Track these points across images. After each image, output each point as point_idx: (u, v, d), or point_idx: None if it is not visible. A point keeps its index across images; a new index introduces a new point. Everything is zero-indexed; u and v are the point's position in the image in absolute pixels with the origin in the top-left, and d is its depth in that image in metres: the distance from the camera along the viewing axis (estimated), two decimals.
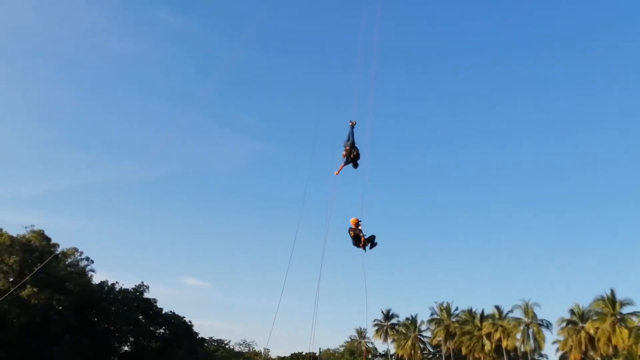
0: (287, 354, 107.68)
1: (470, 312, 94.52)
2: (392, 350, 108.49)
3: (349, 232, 18.66)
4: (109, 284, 63.32)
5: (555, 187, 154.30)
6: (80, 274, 58.24)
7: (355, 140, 18.16)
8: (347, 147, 17.93)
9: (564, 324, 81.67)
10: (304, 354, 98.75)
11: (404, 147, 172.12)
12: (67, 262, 57.51)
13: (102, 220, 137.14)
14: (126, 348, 66.15)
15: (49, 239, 58.00)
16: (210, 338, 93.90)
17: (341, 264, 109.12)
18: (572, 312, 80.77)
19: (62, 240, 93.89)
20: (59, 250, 59.07)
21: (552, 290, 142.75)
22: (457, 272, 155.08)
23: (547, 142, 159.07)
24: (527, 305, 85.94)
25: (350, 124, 18.50)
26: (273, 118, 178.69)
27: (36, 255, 55.76)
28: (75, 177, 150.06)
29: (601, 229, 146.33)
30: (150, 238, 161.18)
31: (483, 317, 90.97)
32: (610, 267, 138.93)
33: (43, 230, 57.78)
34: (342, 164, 18.27)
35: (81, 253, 60.17)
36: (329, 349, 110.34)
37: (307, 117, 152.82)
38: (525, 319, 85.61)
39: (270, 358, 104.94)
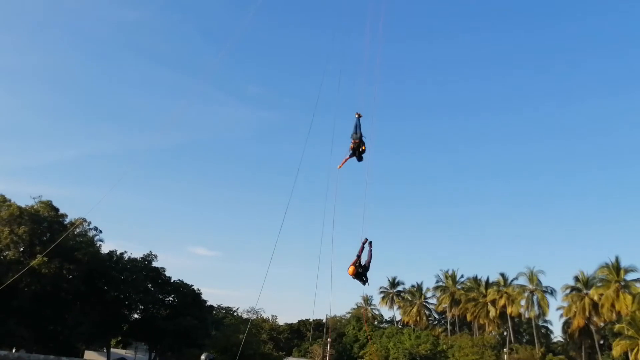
0: (295, 321, 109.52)
1: (475, 280, 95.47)
2: (398, 317, 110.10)
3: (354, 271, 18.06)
4: (118, 253, 64.27)
5: (559, 150, 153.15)
6: (89, 244, 58.98)
7: (363, 134, 17.78)
8: (356, 140, 17.56)
9: (568, 291, 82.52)
10: (310, 320, 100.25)
11: (409, 111, 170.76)
12: (75, 232, 58.20)
13: (109, 189, 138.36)
14: (136, 316, 67.41)
15: (57, 209, 58.71)
16: (219, 306, 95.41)
17: (349, 231, 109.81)
18: (576, 279, 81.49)
19: (71, 211, 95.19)
20: (67, 220, 59.86)
21: (557, 258, 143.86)
22: (462, 240, 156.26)
23: (553, 105, 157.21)
24: (531, 272, 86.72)
25: (357, 116, 18.14)
26: (279, 86, 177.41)
27: (45, 225, 56.53)
28: (83, 147, 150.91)
29: (606, 196, 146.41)
30: (159, 208, 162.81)
31: (488, 285, 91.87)
32: (615, 234, 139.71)
33: (51, 201, 58.50)
34: (347, 156, 17.96)
35: (89, 223, 60.88)
36: (335, 316, 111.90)
37: (313, 83, 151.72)
38: (530, 286, 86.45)
39: (277, 324, 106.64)
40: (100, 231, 62.03)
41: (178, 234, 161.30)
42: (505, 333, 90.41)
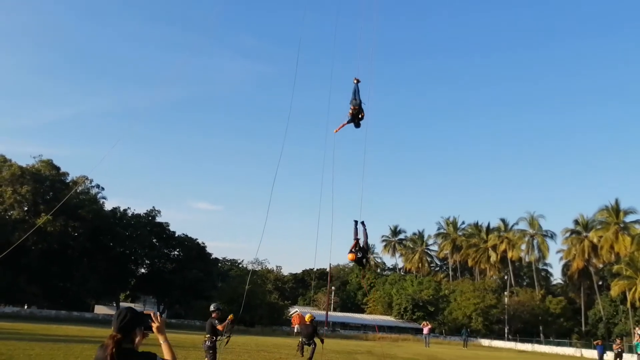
0: (299, 271, 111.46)
1: (476, 226, 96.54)
2: (400, 265, 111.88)
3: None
4: (121, 209, 64.90)
5: (561, 88, 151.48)
6: (92, 201, 59.53)
7: (362, 100, 17.53)
8: (355, 107, 17.30)
9: (568, 234, 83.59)
10: (314, 270, 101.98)
11: (409, 50, 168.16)
12: (78, 190, 58.66)
13: (109, 147, 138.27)
14: (143, 270, 68.63)
15: (58, 168, 59.06)
16: (224, 258, 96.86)
17: (350, 179, 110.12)
18: (576, 222, 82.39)
19: (72, 169, 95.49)
20: (69, 179, 60.26)
21: (558, 202, 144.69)
22: (463, 187, 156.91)
23: (556, 43, 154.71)
24: (532, 217, 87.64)
25: (355, 81, 17.88)
26: (277, 35, 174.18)
27: (47, 184, 56.94)
28: (81, 105, 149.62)
29: (606, 137, 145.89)
30: (159, 164, 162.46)
31: (489, 230, 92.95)
32: (615, 177, 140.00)
33: (52, 160, 58.80)
34: (345, 122, 17.71)
35: (91, 181, 61.30)
36: (339, 265, 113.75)
37: (311, 29, 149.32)
38: (530, 231, 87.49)
39: (282, 275, 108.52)
40: (103, 188, 62.60)
41: (180, 189, 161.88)
42: (506, 277, 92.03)
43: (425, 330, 48.96)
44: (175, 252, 69.09)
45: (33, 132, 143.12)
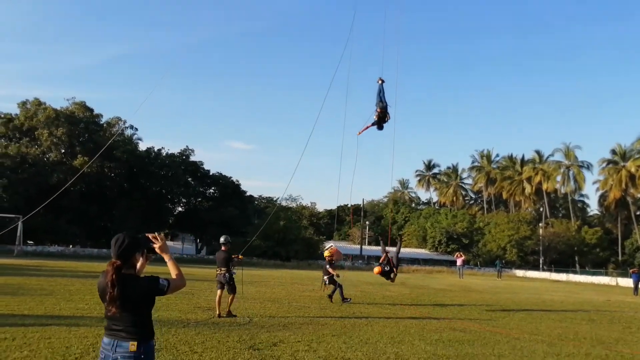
0: (334, 207, 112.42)
1: (510, 158, 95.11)
2: (435, 199, 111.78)
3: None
4: (155, 150, 65.57)
5: (596, 14, 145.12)
6: (126, 142, 60.22)
7: (387, 102, 16.82)
8: (382, 110, 16.62)
9: (604, 164, 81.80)
10: (349, 206, 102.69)
11: None
12: (113, 132, 59.38)
13: (143, 91, 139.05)
14: (180, 209, 69.99)
15: (91, 110, 59.70)
16: (260, 196, 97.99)
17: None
18: (613, 152, 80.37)
19: (105, 113, 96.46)
20: (102, 120, 60.95)
21: (594, 133, 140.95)
22: (497, 120, 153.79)
23: None
24: (567, 148, 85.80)
25: (379, 81, 17.04)
26: None
27: (82, 126, 57.72)
28: (112, 48, 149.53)
29: None
30: (192, 105, 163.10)
31: (523, 162, 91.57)
32: None
33: (85, 102, 59.40)
34: (369, 124, 17.06)
35: (125, 122, 61.85)
36: (373, 200, 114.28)
37: None
38: (566, 162, 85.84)
39: (317, 211, 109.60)
40: (136, 129, 63.18)
41: (213, 129, 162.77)
42: (541, 209, 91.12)
43: (459, 262, 49.09)
44: (211, 190, 69.99)
45: (67, 76, 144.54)
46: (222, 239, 14.01)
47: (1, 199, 51.29)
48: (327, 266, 18.54)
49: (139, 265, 4.06)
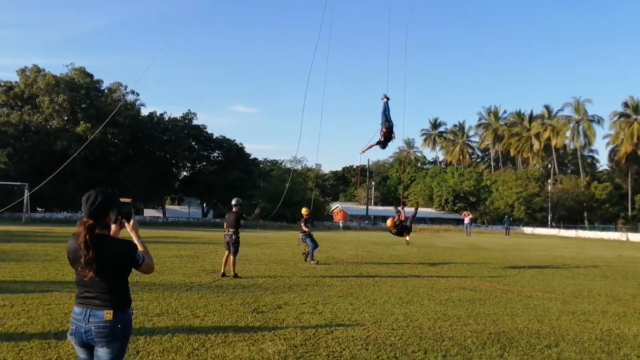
0: (339, 169, 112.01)
1: (518, 114, 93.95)
2: (441, 158, 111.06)
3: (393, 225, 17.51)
4: (158, 114, 64.93)
5: None
6: (128, 108, 59.57)
7: (392, 121, 16.33)
8: (388, 130, 16.21)
9: (616, 118, 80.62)
10: (354, 167, 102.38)
11: None
12: (113, 97, 58.69)
13: (141, 57, 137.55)
14: (185, 173, 69.75)
15: (91, 76, 58.91)
16: (265, 159, 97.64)
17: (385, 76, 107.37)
18: (625, 104, 79.03)
19: (107, 78, 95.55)
20: (103, 86, 60.19)
21: (605, 86, 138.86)
22: (504, 75, 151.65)
23: None
24: (577, 102, 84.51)
25: (384, 99, 16.53)
26: None
27: (83, 92, 57.06)
28: (109, 14, 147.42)
29: None
30: (194, 69, 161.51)
31: (532, 118, 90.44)
32: None
33: (84, 67, 58.58)
34: (374, 143, 16.65)
35: (125, 87, 61.05)
36: (378, 161, 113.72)
37: None
38: (576, 116, 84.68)
39: (322, 173, 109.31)
40: (138, 94, 62.42)
41: (215, 93, 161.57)
42: (549, 165, 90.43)
43: (467, 220, 48.84)
44: (215, 154, 69.61)
45: (63, 44, 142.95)
46: (233, 201, 14.09)
47: (7, 168, 51.13)
48: (302, 224, 18.44)
49: (112, 230, 3.62)
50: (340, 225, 55.62)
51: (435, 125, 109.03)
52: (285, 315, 8.45)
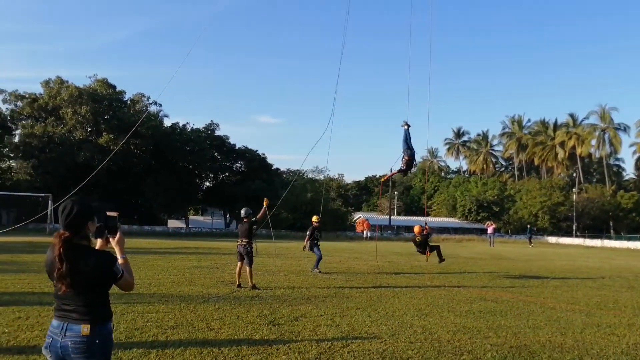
0: (362, 178, 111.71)
1: (542, 123, 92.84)
2: (465, 167, 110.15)
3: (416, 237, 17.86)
4: (180, 125, 65.42)
5: None
6: (151, 119, 60.08)
7: (414, 149, 16.33)
8: (410, 158, 16.23)
9: None
10: (377, 176, 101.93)
11: None
12: (136, 108, 59.25)
13: (163, 67, 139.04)
14: (208, 184, 70.06)
15: (114, 87, 59.64)
16: (288, 169, 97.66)
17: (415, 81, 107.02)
18: None
19: (130, 90, 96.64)
20: (126, 97, 60.88)
21: (632, 93, 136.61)
22: (528, 84, 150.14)
23: None
24: (603, 110, 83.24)
25: (405, 126, 16.48)
26: None
27: (105, 103, 57.73)
28: (133, 25, 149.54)
29: None
30: (218, 80, 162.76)
31: (556, 126, 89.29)
32: None
33: (107, 79, 59.34)
34: (395, 171, 16.71)
35: (148, 98, 61.67)
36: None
37: None
38: (602, 125, 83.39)
39: (345, 182, 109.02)
40: (160, 105, 62.94)
41: (240, 104, 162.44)
42: (574, 174, 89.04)
43: (490, 230, 48.20)
44: (237, 165, 69.84)
45: (88, 55, 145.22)
46: (242, 212, 14.03)
47: (32, 179, 51.83)
48: (308, 232, 18.45)
49: (98, 245, 3.53)
50: (366, 235, 55.12)
51: (458, 134, 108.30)
52: (301, 327, 8.33)
